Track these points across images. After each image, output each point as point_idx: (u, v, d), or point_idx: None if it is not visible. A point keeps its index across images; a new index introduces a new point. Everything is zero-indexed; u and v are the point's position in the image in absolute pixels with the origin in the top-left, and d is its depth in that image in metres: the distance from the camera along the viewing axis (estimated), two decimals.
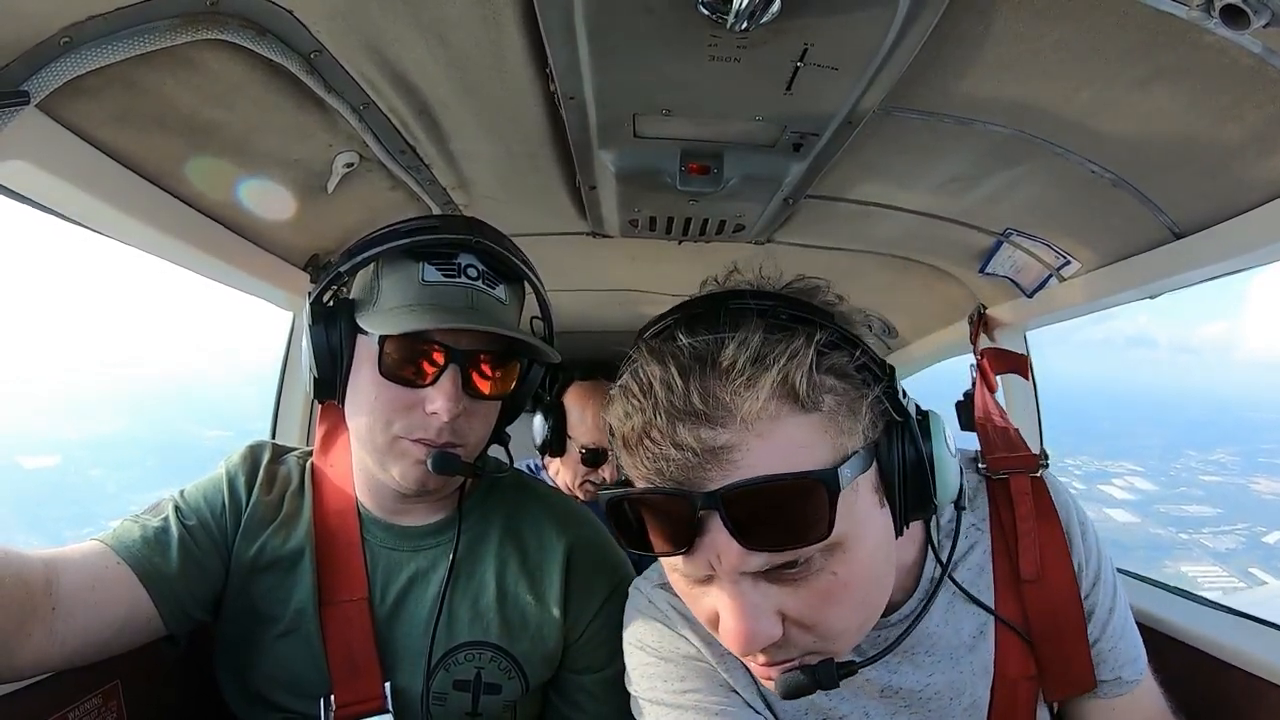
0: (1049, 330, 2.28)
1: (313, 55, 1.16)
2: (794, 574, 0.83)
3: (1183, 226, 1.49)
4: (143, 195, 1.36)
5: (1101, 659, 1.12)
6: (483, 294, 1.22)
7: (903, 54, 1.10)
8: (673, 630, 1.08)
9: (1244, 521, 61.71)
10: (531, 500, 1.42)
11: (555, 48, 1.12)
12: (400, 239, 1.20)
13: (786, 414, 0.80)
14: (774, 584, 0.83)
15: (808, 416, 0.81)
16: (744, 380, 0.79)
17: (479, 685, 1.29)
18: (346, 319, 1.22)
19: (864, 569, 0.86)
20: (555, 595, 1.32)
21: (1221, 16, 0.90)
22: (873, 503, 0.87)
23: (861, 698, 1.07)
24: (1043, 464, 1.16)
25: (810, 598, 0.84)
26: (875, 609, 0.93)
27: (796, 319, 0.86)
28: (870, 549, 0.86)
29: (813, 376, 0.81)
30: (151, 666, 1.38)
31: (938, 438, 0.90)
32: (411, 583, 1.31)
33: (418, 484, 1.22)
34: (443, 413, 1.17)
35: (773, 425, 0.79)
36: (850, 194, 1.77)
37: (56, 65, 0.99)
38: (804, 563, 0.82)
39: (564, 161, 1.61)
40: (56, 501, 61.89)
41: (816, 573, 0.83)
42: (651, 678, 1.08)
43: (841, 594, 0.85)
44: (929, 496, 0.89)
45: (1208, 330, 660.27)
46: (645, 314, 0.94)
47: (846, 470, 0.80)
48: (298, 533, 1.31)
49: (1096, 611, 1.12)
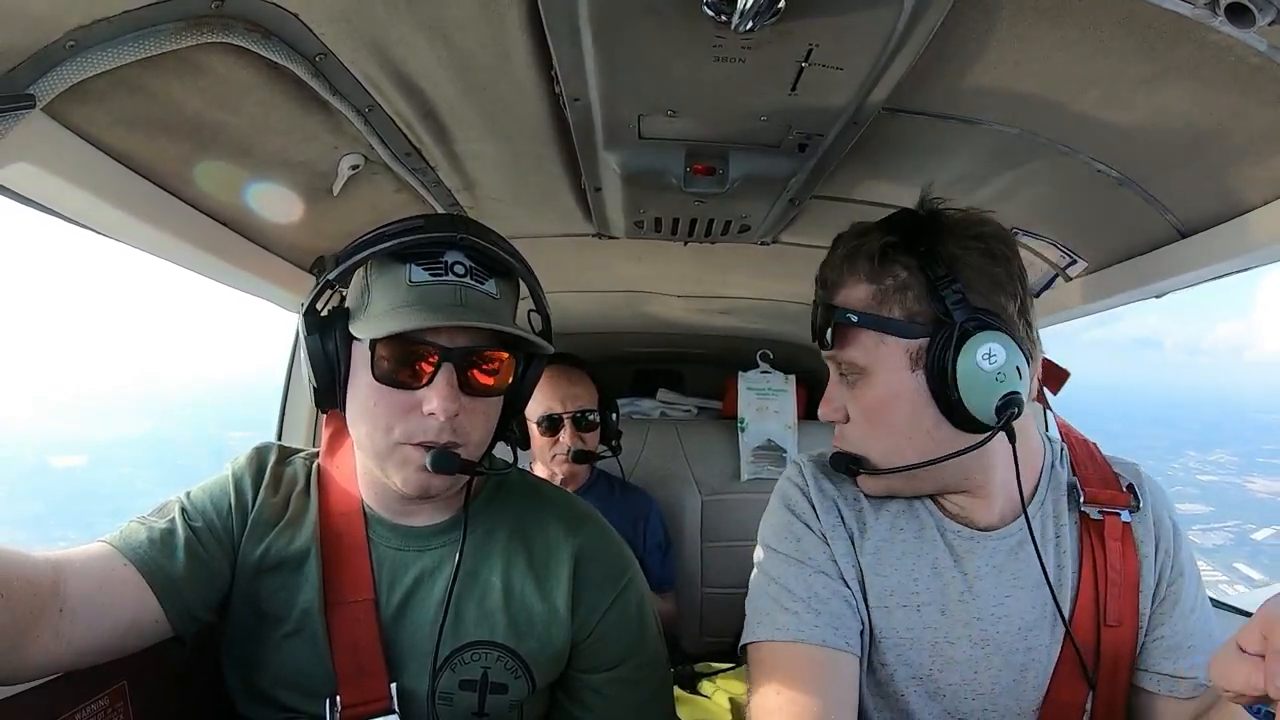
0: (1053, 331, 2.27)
1: (318, 58, 1.17)
2: (848, 379, 1.22)
3: (1189, 225, 1.48)
4: (148, 198, 1.36)
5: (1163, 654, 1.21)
6: (472, 290, 1.21)
7: (907, 54, 1.10)
8: (807, 498, 1.30)
9: (1234, 519, 61.68)
10: (539, 501, 1.42)
11: (560, 49, 1.12)
12: (386, 242, 1.19)
13: (859, 279, 1.20)
14: (845, 384, 1.24)
15: (870, 284, 1.19)
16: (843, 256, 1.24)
17: (485, 685, 1.29)
18: (341, 327, 1.22)
19: (877, 399, 1.19)
20: (563, 596, 1.32)
21: (1227, 15, 0.89)
22: (901, 362, 1.16)
23: (945, 577, 1.25)
24: (1133, 507, 1.25)
25: (852, 403, 1.23)
26: (890, 439, 1.20)
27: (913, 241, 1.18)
28: (885, 389, 1.18)
29: (875, 264, 1.19)
30: (159, 667, 1.38)
31: (967, 353, 1.11)
32: (417, 583, 1.31)
33: (420, 489, 1.22)
34: (440, 412, 1.17)
35: (853, 282, 1.21)
36: (856, 194, 1.77)
37: (62, 69, 0.99)
38: (847, 373, 1.22)
39: (569, 163, 1.61)
40: (90, 498, 62.24)
41: (854, 385, 1.21)
42: (775, 526, 1.32)
43: (864, 410, 1.21)
44: (951, 395, 1.13)
45: (1219, 331, 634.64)
46: (651, 315, 0.95)
47: (857, 319, 1.17)
48: (303, 533, 1.31)
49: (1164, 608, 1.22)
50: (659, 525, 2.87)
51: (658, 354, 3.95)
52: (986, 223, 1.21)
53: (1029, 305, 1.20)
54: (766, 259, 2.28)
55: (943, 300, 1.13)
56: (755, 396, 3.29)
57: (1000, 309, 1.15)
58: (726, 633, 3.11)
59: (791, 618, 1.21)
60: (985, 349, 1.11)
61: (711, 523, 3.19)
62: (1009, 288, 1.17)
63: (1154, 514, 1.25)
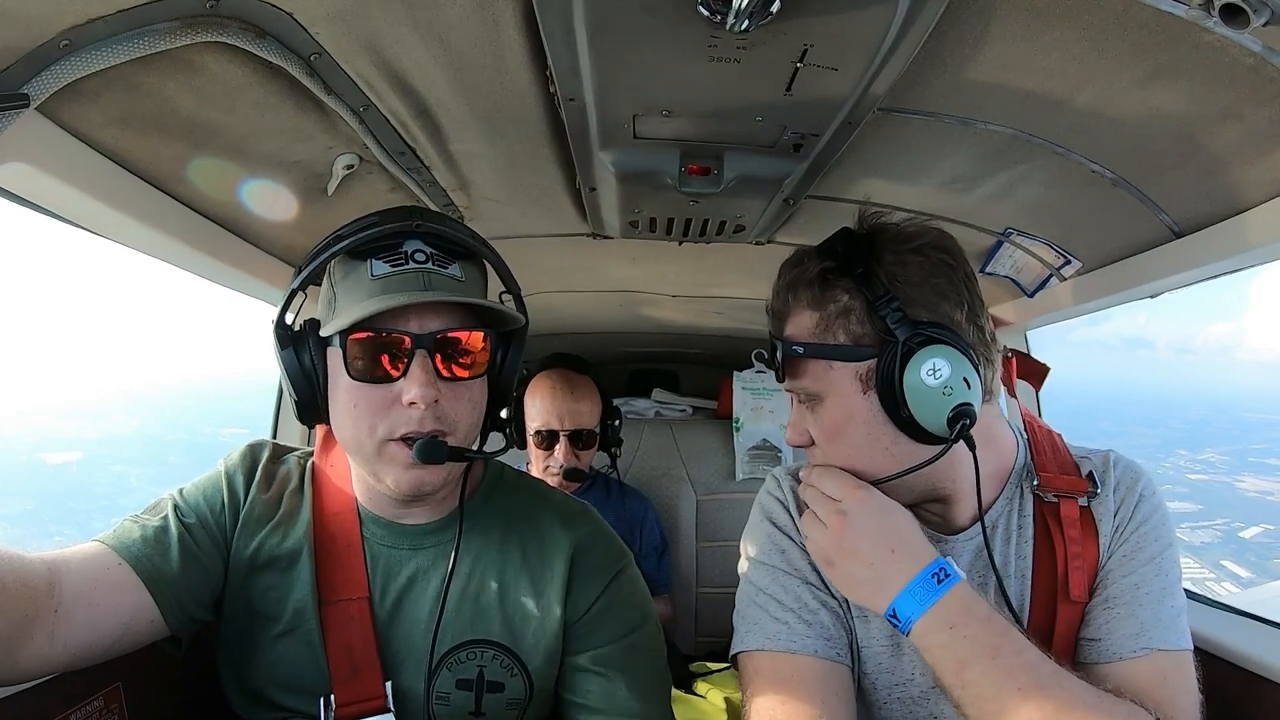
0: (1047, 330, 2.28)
1: (312, 57, 1.16)
2: (807, 405, 1.25)
3: (1183, 225, 1.49)
4: (143, 198, 1.36)
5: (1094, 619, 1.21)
6: (436, 274, 1.20)
7: (902, 54, 1.10)
8: (788, 511, 1.34)
9: (1222, 517, 62.02)
10: (535, 498, 1.42)
11: (555, 49, 1.12)
12: (343, 241, 1.19)
13: (802, 307, 1.23)
14: (805, 409, 1.26)
15: (813, 311, 1.22)
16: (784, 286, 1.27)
17: (481, 684, 1.29)
18: (315, 338, 1.22)
19: (834, 423, 1.22)
20: (557, 591, 1.31)
21: (1221, 15, 0.90)
22: (852, 386, 1.19)
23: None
24: (1091, 493, 1.25)
25: (813, 426, 1.25)
26: (853, 459, 1.23)
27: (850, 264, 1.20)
28: (840, 412, 1.21)
29: (815, 291, 1.21)
30: (153, 668, 1.38)
31: (911, 370, 1.13)
32: (411, 582, 1.31)
33: (413, 487, 1.21)
34: (419, 400, 1.16)
35: (798, 311, 1.24)
36: (850, 194, 1.77)
37: (57, 68, 0.99)
38: (806, 399, 1.25)
39: (564, 163, 1.61)
40: (83, 495, 62.11)
41: (813, 410, 1.24)
42: (759, 539, 1.35)
43: (825, 433, 1.24)
44: (901, 413, 1.15)
45: (1211, 330, 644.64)
46: (646, 315, 0.96)
47: (803, 349, 1.20)
48: (296, 531, 1.31)
49: (1113, 579, 1.21)
50: (655, 528, 2.87)
51: (653, 354, 3.95)
52: (924, 233, 1.22)
53: (979, 309, 1.21)
54: (761, 259, 2.28)
55: (884, 319, 1.15)
56: (750, 396, 3.30)
57: (946, 318, 1.17)
58: (722, 633, 3.10)
59: (782, 627, 1.23)
60: (929, 364, 1.13)
61: (707, 522, 3.20)
62: (953, 296, 1.18)
63: (1116, 495, 1.25)
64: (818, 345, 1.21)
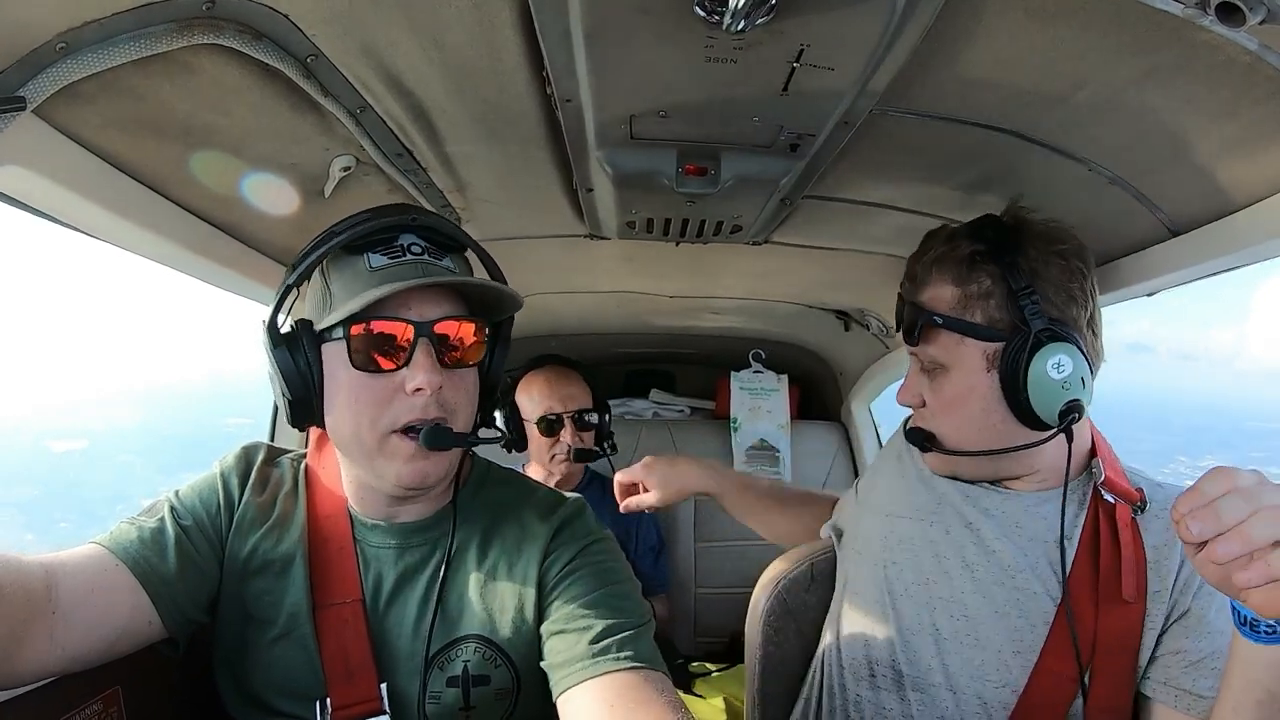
0: None
1: (309, 59, 1.16)
2: (928, 372, 1.38)
3: (1179, 224, 1.49)
4: (139, 200, 1.36)
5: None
6: (432, 265, 1.22)
7: (898, 54, 1.10)
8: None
9: None
10: (521, 493, 1.42)
11: (551, 50, 1.12)
12: (337, 237, 1.20)
13: (945, 282, 1.35)
14: (925, 375, 1.40)
15: (955, 288, 1.34)
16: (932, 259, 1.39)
17: (467, 679, 1.28)
18: (308, 337, 1.22)
19: (955, 394, 1.34)
20: (533, 573, 1.29)
21: (1217, 14, 0.90)
22: (978, 363, 1.31)
23: (951, 512, 1.43)
24: (1139, 507, 1.30)
25: (930, 393, 1.39)
26: (961, 429, 1.36)
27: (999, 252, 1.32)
28: (962, 385, 1.33)
29: (962, 270, 1.34)
30: (152, 672, 1.37)
31: (1038, 361, 1.24)
32: (400, 581, 1.31)
33: (417, 478, 1.21)
34: (425, 385, 1.17)
35: (940, 284, 1.36)
36: (848, 194, 1.77)
37: (53, 70, 0.99)
38: (930, 366, 1.37)
39: (561, 164, 1.61)
40: (89, 484, 62.07)
41: (933, 378, 1.37)
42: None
43: (941, 402, 1.36)
44: (1020, 397, 1.26)
45: (1213, 336, 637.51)
46: (643, 316, 0.96)
47: (942, 320, 1.32)
48: (290, 535, 1.31)
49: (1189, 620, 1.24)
50: (652, 528, 2.87)
51: (650, 354, 3.95)
52: (1068, 239, 1.33)
53: (1098, 318, 1.31)
54: (758, 259, 2.29)
55: (1021, 309, 1.26)
56: (748, 396, 3.30)
57: (1072, 320, 1.28)
58: (721, 633, 3.12)
59: None
60: (1056, 359, 1.23)
61: (705, 523, 3.20)
62: (1082, 302, 1.30)
63: (1164, 521, 1.27)
64: (955, 319, 1.31)
